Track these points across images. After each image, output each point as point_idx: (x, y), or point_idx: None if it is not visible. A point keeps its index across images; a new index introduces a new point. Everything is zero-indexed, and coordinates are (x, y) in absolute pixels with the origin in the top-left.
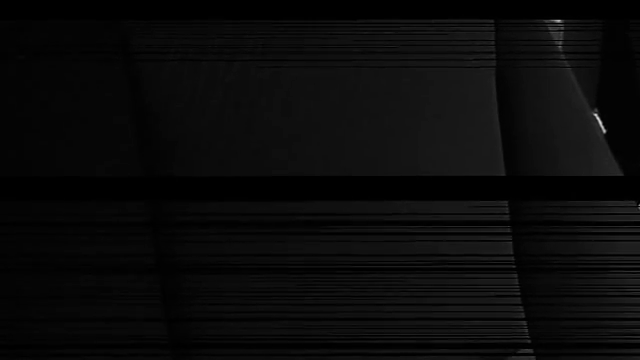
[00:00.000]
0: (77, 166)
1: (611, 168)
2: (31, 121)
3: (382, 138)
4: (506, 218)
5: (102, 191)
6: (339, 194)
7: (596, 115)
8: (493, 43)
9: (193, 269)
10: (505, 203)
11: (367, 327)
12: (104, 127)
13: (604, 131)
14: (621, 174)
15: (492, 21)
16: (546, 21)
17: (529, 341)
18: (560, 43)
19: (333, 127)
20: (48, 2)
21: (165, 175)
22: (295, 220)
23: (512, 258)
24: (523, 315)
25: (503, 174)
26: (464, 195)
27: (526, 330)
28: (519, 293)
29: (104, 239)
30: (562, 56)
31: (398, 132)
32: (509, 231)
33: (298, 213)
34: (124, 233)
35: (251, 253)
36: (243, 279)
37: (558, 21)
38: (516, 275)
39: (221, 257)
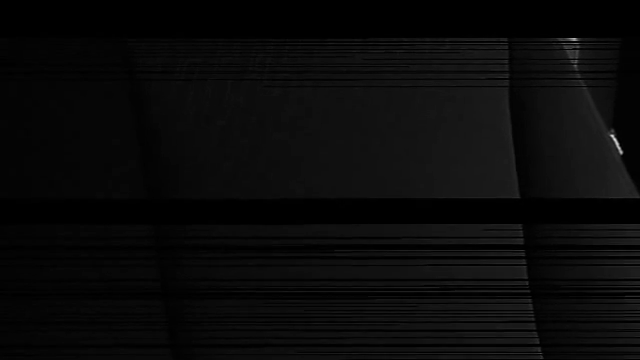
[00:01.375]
0: (78, 188)
1: (628, 190)
2: (31, 141)
3: (393, 159)
4: (520, 242)
5: (104, 214)
6: (349, 217)
7: (613, 136)
8: (507, 62)
9: (198, 294)
10: (519, 226)
11: (377, 353)
12: (106, 148)
13: (621, 152)
14: (638, 197)
15: (506, 40)
16: (561, 39)
17: None
18: (576, 62)
19: (342, 148)
20: (49, 19)
21: (169, 198)
22: (303, 244)
23: (526, 282)
24: (537, 341)
25: (517, 196)
26: (477, 218)
27: (541, 356)
28: (533, 318)
29: (106, 263)
30: (578, 75)
31: (409, 153)
32: (523, 255)
33: (306, 237)
34: (127, 257)
35: (257, 278)
36: (249, 304)
37: (574, 39)
38: (530, 300)
39: (226, 281)
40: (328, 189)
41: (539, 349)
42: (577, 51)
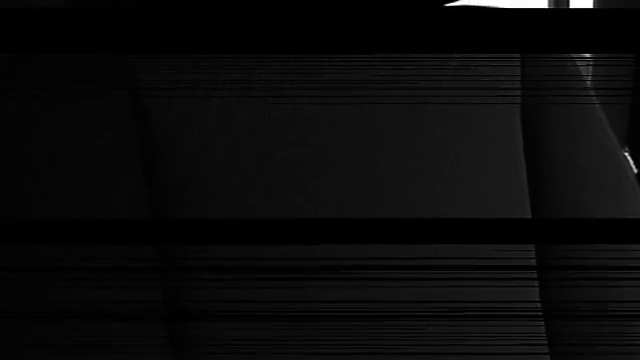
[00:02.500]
0: (81, 208)
1: None
2: (32, 160)
3: (402, 178)
4: (532, 262)
5: (107, 234)
6: (356, 237)
7: (627, 154)
8: (519, 79)
9: (203, 316)
10: (531, 247)
11: None
12: (110, 167)
13: (635, 171)
14: None
15: (518, 55)
16: (574, 55)
17: None
18: (589, 78)
19: (350, 167)
20: (52, 35)
21: (174, 217)
22: (311, 265)
23: (538, 304)
24: None
25: (529, 216)
26: (488, 238)
27: None
28: (545, 341)
29: (109, 284)
30: (591, 92)
31: (418, 172)
32: (535, 276)
33: (313, 257)
34: (130, 278)
35: (263, 299)
36: (253, 326)
37: (587, 55)
38: (542, 322)
39: (231, 303)
40: (335, 208)
41: None
42: (590, 67)
